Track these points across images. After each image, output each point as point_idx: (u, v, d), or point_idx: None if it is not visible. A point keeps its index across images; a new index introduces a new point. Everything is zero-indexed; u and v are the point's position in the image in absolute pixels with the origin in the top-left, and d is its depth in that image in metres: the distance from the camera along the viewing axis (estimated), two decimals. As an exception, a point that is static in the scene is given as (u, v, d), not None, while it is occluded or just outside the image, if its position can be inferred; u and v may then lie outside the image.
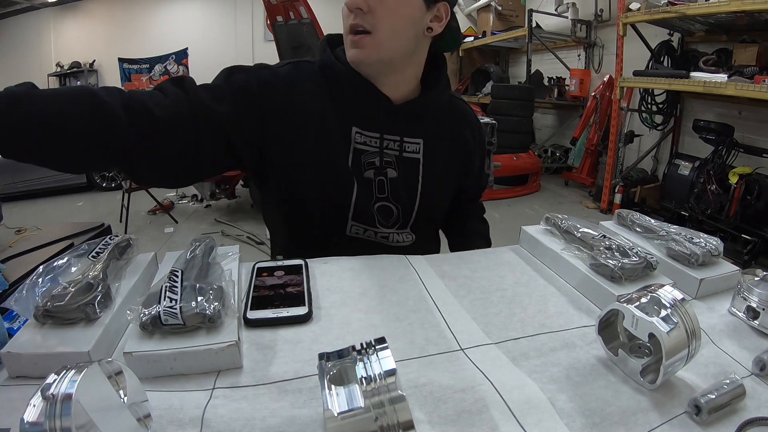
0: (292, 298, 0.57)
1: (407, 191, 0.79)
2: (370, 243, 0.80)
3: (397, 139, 0.76)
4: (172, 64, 7.63)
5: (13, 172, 5.34)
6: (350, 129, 0.74)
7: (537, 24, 5.24)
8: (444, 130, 0.82)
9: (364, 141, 0.75)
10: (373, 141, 0.75)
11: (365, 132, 0.75)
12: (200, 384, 0.44)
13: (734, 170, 3.17)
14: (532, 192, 4.82)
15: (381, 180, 0.77)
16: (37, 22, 7.27)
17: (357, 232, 0.79)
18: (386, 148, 0.76)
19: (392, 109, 0.75)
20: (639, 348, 0.48)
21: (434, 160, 0.80)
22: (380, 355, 0.35)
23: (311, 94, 0.74)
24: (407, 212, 0.80)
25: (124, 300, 0.53)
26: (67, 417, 0.28)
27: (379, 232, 0.80)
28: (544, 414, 0.40)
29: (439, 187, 0.82)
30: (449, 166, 0.83)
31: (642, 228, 0.73)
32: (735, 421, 0.40)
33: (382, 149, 0.76)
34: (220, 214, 4.09)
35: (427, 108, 0.79)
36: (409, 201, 0.79)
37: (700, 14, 3.07)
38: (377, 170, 0.76)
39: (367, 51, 0.69)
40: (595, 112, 4.69)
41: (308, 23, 3.70)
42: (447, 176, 0.84)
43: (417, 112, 0.78)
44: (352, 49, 0.70)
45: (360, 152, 0.75)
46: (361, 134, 0.75)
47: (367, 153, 0.76)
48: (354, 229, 0.79)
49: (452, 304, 0.59)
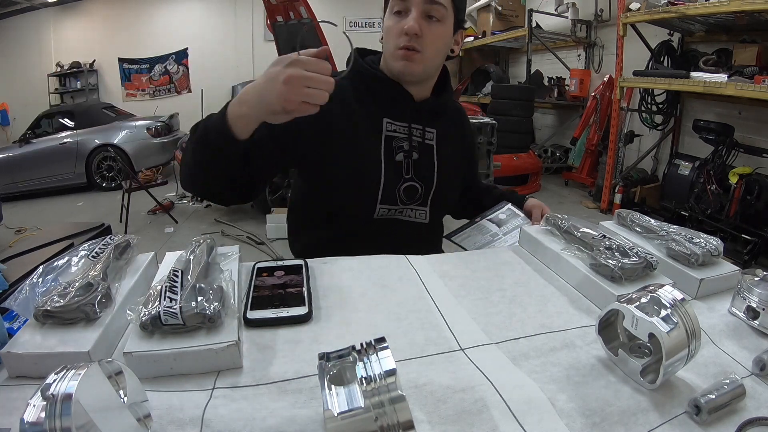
0: (292, 298, 0.57)
1: (428, 171, 0.95)
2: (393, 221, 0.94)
3: (420, 128, 0.93)
4: (172, 64, 7.63)
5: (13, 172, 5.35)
6: (381, 120, 0.90)
7: (537, 24, 5.24)
8: (450, 125, 1.01)
9: (394, 129, 0.91)
10: (402, 129, 0.91)
11: (395, 122, 0.91)
12: (200, 384, 0.44)
13: (734, 170, 3.17)
14: (532, 192, 4.81)
15: (408, 162, 0.92)
16: (37, 22, 7.27)
17: (383, 213, 0.92)
18: (413, 135, 0.92)
19: (415, 106, 0.92)
20: (639, 348, 0.48)
21: (445, 147, 0.97)
22: (380, 355, 0.35)
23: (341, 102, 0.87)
24: (428, 189, 0.95)
25: (124, 300, 0.53)
26: (67, 417, 0.28)
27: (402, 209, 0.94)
28: (544, 414, 0.40)
29: (451, 169, 0.99)
30: (455, 153, 1.01)
31: (642, 228, 0.73)
32: (735, 421, 0.40)
33: (410, 136, 0.92)
34: (220, 214, 4.09)
35: (438, 106, 0.96)
36: (429, 179, 0.95)
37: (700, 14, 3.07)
38: (406, 153, 0.92)
39: (416, 66, 0.85)
40: (595, 112, 4.69)
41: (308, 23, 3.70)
42: (455, 161, 1.01)
43: (432, 109, 0.95)
44: (402, 61, 0.85)
45: (391, 138, 0.90)
46: (392, 123, 0.91)
47: (397, 138, 0.91)
48: (381, 211, 0.91)
49: (452, 304, 0.59)
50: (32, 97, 7.26)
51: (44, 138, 5.60)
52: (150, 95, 7.71)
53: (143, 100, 7.65)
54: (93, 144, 5.56)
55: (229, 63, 7.50)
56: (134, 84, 7.65)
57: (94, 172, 5.60)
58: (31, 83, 7.37)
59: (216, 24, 7.52)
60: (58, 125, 5.79)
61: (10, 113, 7.26)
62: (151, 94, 7.71)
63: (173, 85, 7.71)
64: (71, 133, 5.60)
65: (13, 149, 5.55)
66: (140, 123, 5.88)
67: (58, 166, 5.45)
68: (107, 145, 5.49)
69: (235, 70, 7.48)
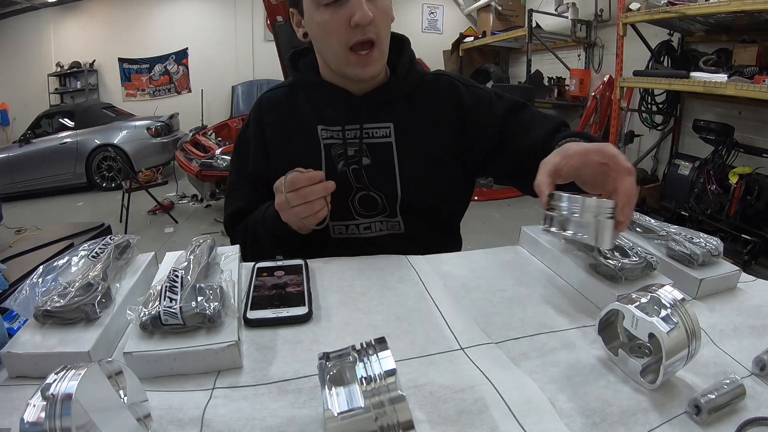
0: (292, 298, 0.57)
1: (385, 177, 0.80)
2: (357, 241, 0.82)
3: (356, 127, 0.79)
4: (172, 64, 7.62)
5: (13, 172, 5.35)
6: (316, 129, 0.80)
7: (537, 24, 5.24)
8: (426, 108, 0.81)
9: (330, 135, 0.80)
10: (336, 134, 0.79)
11: (329, 127, 0.80)
12: (200, 384, 0.44)
13: (734, 170, 3.16)
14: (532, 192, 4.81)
15: (355, 169, 0.79)
16: (37, 22, 7.26)
17: (340, 231, 0.82)
18: (349, 138, 0.79)
19: (353, 102, 0.79)
20: (639, 348, 0.48)
21: (413, 140, 0.80)
22: (380, 355, 0.35)
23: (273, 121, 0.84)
24: (391, 198, 0.80)
25: (124, 300, 0.53)
26: (67, 417, 0.28)
27: (362, 224, 0.82)
28: (544, 414, 0.40)
29: (422, 169, 0.80)
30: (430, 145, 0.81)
31: (642, 228, 0.73)
32: (735, 421, 0.40)
33: (345, 140, 0.79)
34: (220, 214, 4.08)
35: (393, 92, 0.80)
36: (389, 186, 0.80)
37: (700, 14, 3.07)
38: (347, 160, 0.80)
39: (377, 65, 0.73)
40: (595, 112, 4.68)
41: (308, 23, 3.69)
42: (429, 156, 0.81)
43: (381, 99, 0.80)
44: (363, 67, 0.72)
45: (329, 146, 0.80)
46: (326, 130, 0.80)
47: (334, 146, 0.80)
48: (336, 230, 0.82)
49: (452, 303, 0.59)
50: (32, 97, 7.26)
51: (44, 138, 5.61)
52: (150, 95, 7.70)
53: (143, 100, 7.64)
54: (93, 144, 5.57)
55: (229, 63, 7.50)
56: (134, 84, 7.64)
57: (94, 172, 5.61)
58: (31, 83, 7.36)
59: (216, 24, 7.51)
60: (58, 125, 5.80)
61: (10, 113, 7.25)
62: (151, 94, 7.71)
63: (173, 85, 7.71)
64: (71, 133, 5.61)
65: (13, 149, 5.55)
66: (140, 123, 5.89)
67: (58, 166, 5.46)
68: (107, 145, 5.50)
69: (235, 70, 7.48)
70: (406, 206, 0.81)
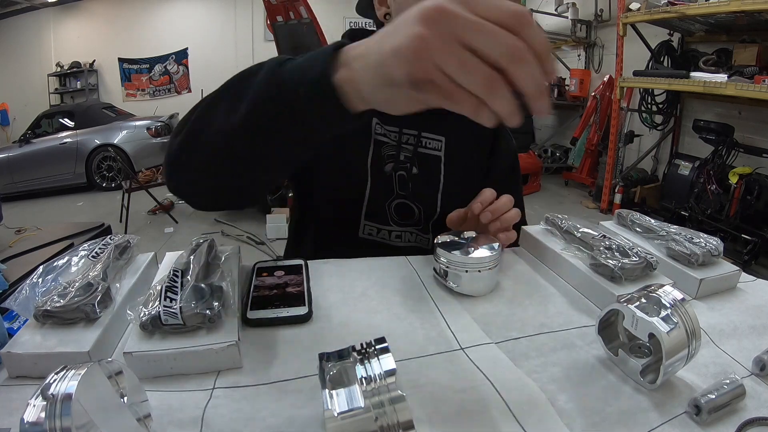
0: (292, 298, 0.57)
1: (429, 190, 0.78)
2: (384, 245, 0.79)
3: (414, 133, 0.76)
4: (172, 64, 7.63)
5: (13, 172, 5.36)
6: (371, 119, 0.74)
7: (537, 24, 5.24)
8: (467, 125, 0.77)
9: (383, 133, 0.76)
10: (392, 135, 0.76)
11: (385, 125, 0.76)
12: (200, 384, 0.44)
13: (734, 170, 3.17)
14: (532, 192, 4.82)
15: (402, 175, 0.76)
16: (37, 22, 7.27)
17: (370, 232, 0.79)
18: (404, 143, 0.76)
19: None
20: (639, 348, 0.48)
21: (457, 158, 0.79)
22: (380, 356, 0.35)
23: None
24: (429, 213, 0.78)
25: (124, 300, 0.52)
26: (67, 417, 0.28)
27: (394, 231, 0.78)
28: (544, 414, 0.40)
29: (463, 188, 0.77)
30: (473, 164, 0.81)
31: (642, 228, 0.73)
32: (735, 421, 0.40)
33: (400, 143, 0.76)
34: (220, 214, 4.09)
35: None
36: (430, 201, 0.78)
37: (700, 14, 3.07)
38: (397, 164, 0.76)
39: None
40: (595, 112, 4.69)
41: (308, 23, 3.70)
42: (471, 176, 0.81)
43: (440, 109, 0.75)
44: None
45: (380, 144, 0.76)
46: (382, 126, 0.76)
47: (387, 146, 0.76)
48: (367, 229, 0.79)
49: (452, 304, 0.59)
50: (32, 97, 7.27)
51: (44, 138, 5.61)
52: (150, 95, 7.71)
53: (143, 100, 7.65)
54: (93, 144, 5.57)
55: (229, 63, 7.50)
56: (134, 84, 7.66)
57: (94, 172, 5.61)
58: (31, 83, 7.37)
59: (216, 24, 7.52)
60: (58, 125, 5.80)
61: (10, 113, 7.26)
62: (151, 94, 7.72)
63: (173, 85, 7.71)
64: (71, 133, 5.61)
65: (13, 149, 5.56)
66: (140, 123, 5.89)
67: (58, 166, 5.46)
68: (107, 145, 5.50)
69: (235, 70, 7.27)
70: (441, 224, 0.77)
